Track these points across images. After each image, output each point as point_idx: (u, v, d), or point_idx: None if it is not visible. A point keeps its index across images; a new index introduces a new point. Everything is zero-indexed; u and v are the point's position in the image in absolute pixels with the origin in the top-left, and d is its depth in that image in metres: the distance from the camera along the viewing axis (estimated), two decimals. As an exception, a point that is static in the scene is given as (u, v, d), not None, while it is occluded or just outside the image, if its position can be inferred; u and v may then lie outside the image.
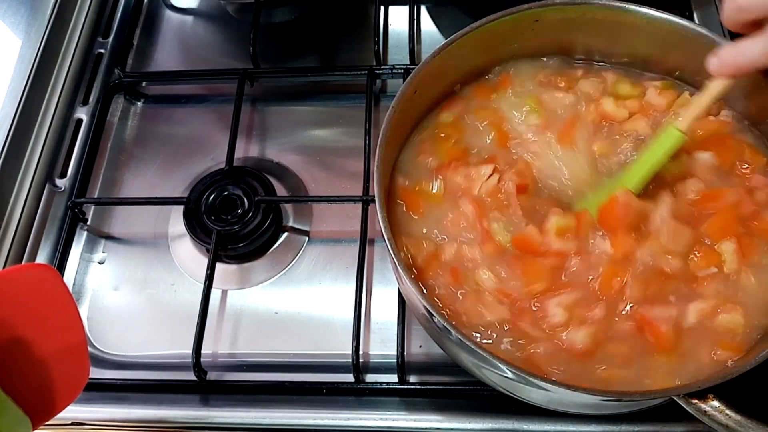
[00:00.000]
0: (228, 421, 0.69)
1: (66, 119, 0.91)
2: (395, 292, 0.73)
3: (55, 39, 0.92)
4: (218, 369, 0.73)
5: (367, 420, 0.68)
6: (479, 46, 0.70)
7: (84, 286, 0.80)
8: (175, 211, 0.82)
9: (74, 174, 0.86)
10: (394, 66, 0.88)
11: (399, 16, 0.96)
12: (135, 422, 0.70)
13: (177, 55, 0.97)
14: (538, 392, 0.56)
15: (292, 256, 0.79)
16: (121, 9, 1.00)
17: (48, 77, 0.91)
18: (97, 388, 0.72)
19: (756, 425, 0.50)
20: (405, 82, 0.65)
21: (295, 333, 0.74)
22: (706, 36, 0.65)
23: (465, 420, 0.67)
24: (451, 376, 0.70)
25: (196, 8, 1.01)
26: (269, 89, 0.92)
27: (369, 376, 0.71)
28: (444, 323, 0.54)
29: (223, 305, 0.77)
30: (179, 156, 0.88)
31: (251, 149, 0.87)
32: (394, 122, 0.64)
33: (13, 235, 0.82)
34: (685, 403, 0.51)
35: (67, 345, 0.56)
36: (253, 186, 0.80)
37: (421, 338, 0.72)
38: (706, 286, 0.59)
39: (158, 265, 0.80)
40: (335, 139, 0.87)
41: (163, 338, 0.76)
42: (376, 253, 0.78)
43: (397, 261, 0.57)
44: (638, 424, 0.65)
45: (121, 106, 0.92)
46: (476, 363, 0.58)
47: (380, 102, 0.89)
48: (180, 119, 0.91)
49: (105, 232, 0.83)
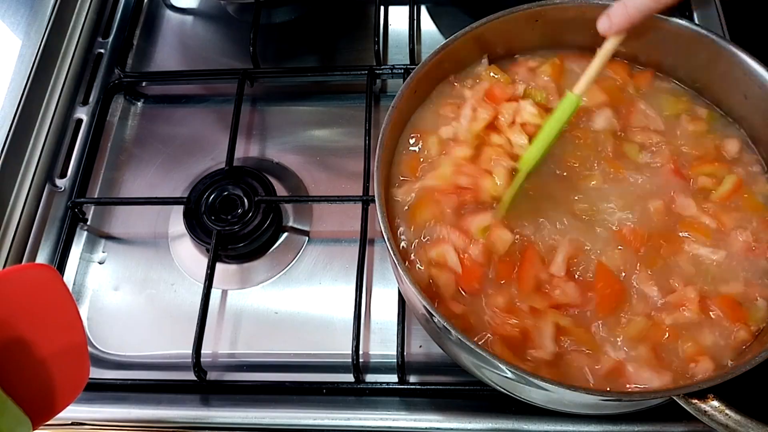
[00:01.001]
0: (228, 421, 0.69)
1: (66, 119, 0.91)
2: (395, 292, 0.73)
3: (55, 39, 0.92)
4: (218, 369, 0.73)
5: (367, 420, 0.68)
6: (479, 46, 0.70)
7: (84, 286, 0.80)
8: (175, 211, 0.82)
9: (74, 174, 0.86)
10: (394, 66, 0.88)
11: (399, 16, 0.96)
12: (135, 422, 0.70)
13: (177, 55, 0.97)
14: (538, 392, 0.56)
15: (292, 256, 0.79)
16: (121, 9, 1.00)
17: (48, 77, 0.91)
18: (97, 388, 0.72)
19: (756, 425, 0.50)
20: (405, 82, 0.65)
21: (295, 333, 0.74)
22: (706, 36, 0.65)
23: (465, 420, 0.67)
24: (451, 376, 0.70)
25: (196, 8, 1.01)
26: (269, 89, 0.92)
27: (369, 376, 0.71)
28: (444, 323, 0.54)
29: (223, 305, 0.77)
30: (179, 156, 0.88)
31: (251, 149, 0.87)
32: (394, 122, 0.64)
33: (13, 235, 0.82)
34: (685, 403, 0.52)
35: (67, 345, 0.56)
36: (253, 186, 0.80)
37: (421, 338, 0.72)
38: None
39: (158, 265, 0.80)
40: (335, 139, 0.87)
41: (163, 338, 0.76)
42: (376, 253, 0.78)
43: (397, 261, 0.57)
44: (638, 424, 0.65)
45: (121, 106, 0.92)
46: (476, 363, 0.58)
47: (380, 102, 0.89)
48: (180, 119, 0.91)
49: (105, 232, 0.83)
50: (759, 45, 0.67)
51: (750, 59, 0.64)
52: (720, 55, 0.65)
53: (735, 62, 0.65)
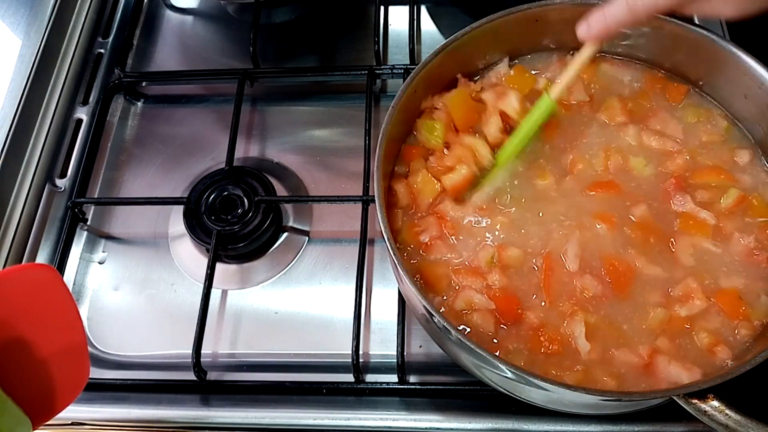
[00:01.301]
0: (228, 421, 0.69)
1: (66, 119, 0.91)
2: (395, 292, 0.73)
3: (55, 39, 0.92)
4: (218, 369, 0.73)
5: (367, 420, 0.68)
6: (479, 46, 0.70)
7: (84, 286, 0.80)
8: (175, 211, 0.82)
9: (74, 174, 0.86)
10: (394, 66, 0.88)
11: (399, 16, 0.96)
12: (135, 422, 0.70)
13: (177, 55, 0.97)
14: (538, 392, 0.56)
15: (292, 256, 0.79)
16: (121, 9, 1.00)
17: (48, 77, 0.91)
18: (97, 388, 0.72)
19: (756, 425, 0.50)
20: (405, 82, 0.65)
21: (295, 333, 0.74)
22: (706, 36, 0.65)
23: (465, 420, 0.67)
24: (451, 376, 0.70)
25: (196, 8, 1.01)
26: (269, 89, 0.92)
27: (369, 376, 0.71)
28: (444, 323, 0.54)
29: (223, 305, 0.77)
30: (179, 156, 0.88)
31: (251, 149, 0.87)
32: (394, 122, 0.64)
33: (13, 235, 0.82)
34: (685, 403, 0.52)
35: (67, 345, 0.56)
36: (253, 186, 0.80)
37: (421, 338, 0.72)
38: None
39: (158, 265, 0.80)
40: (335, 139, 0.87)
41: (163, 338, 0.76)
42: (376, 253, 0.78)
43: (397, 261, 0.57)
44: (638, 424, 0.65)
45: (121, 106, 0.92)
46: (476, 363, 0.58)
47: (380, 102, 0.89)
48: (180, 119, 0.91)
49: (105, 232, 0.83)
50: (759, 45, 0.67)
51: (750, 59, 0.64)
52: (720, 55, 0.66)
53: (735, 62, 0.65)
